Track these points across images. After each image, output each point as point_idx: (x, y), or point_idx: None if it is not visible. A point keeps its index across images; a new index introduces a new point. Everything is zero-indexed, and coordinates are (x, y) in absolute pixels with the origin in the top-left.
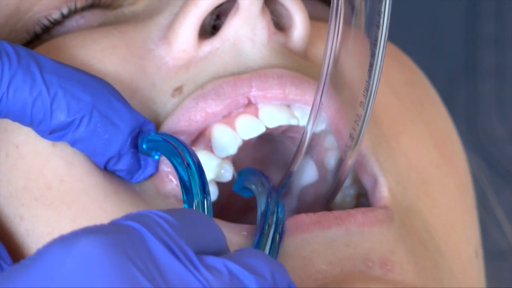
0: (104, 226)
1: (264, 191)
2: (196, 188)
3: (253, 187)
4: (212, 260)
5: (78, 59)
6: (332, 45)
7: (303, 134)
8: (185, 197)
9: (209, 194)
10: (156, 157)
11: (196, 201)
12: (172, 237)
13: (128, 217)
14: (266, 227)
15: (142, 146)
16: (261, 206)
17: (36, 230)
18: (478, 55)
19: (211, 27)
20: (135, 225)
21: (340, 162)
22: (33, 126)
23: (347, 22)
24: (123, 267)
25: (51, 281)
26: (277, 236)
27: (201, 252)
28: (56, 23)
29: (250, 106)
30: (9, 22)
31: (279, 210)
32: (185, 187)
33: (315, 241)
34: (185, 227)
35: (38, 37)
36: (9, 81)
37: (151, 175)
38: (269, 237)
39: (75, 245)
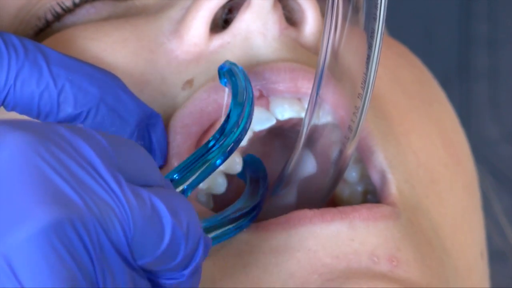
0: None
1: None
2: (232, 136)
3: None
4: (138, 189)
5: (89, 51)
6: (329, 37)
7: (302, 123)
8: (217, 135)
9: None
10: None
11: (222, 146)
12: (108, 155)
13: (68, 126)
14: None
15: (227, 63)
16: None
17: None
18: (471, 55)
19: (222, 21)
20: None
21: (340, 153)
22: (40, 118)
23: (344, 14)
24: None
25: None
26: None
27: (130, 182)
28: (68, 10)
29: (261, 98)
30: (20, 14)
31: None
32: (223, 128)
33: (319, 234)
34: (119, 154)
35: (49, 24)
36: (16, 74)
37: (159, 167)
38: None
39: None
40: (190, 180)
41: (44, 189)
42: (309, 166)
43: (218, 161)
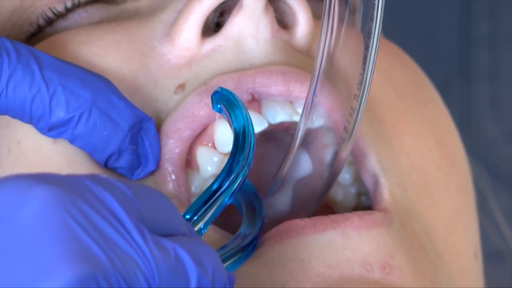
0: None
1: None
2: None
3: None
4: (162, 240)
5: (82, 55)
6: (325, 39)
7: (297, 126)
8: (223, 175)
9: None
10: (215, 109)
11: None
12: (132, 206)
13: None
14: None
15: (219, 90)
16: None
17: None
18: (472, 56)
19: (214, 24)
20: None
21: (335, 155)
22: (32, 122)
23: (341, 15)
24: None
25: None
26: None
27: (153, 232)
28: (60, 15)
29: (253, 102)
30: (13, 17)
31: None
32: (230, 170)
33: (312, 244)
34: (142, 203)
35: (41, 29)
36: (9, 78)
37: (152, 172)
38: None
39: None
40: (205, 219)
41: (69, 245)
42: (303, 168)
43: (226, 199)
